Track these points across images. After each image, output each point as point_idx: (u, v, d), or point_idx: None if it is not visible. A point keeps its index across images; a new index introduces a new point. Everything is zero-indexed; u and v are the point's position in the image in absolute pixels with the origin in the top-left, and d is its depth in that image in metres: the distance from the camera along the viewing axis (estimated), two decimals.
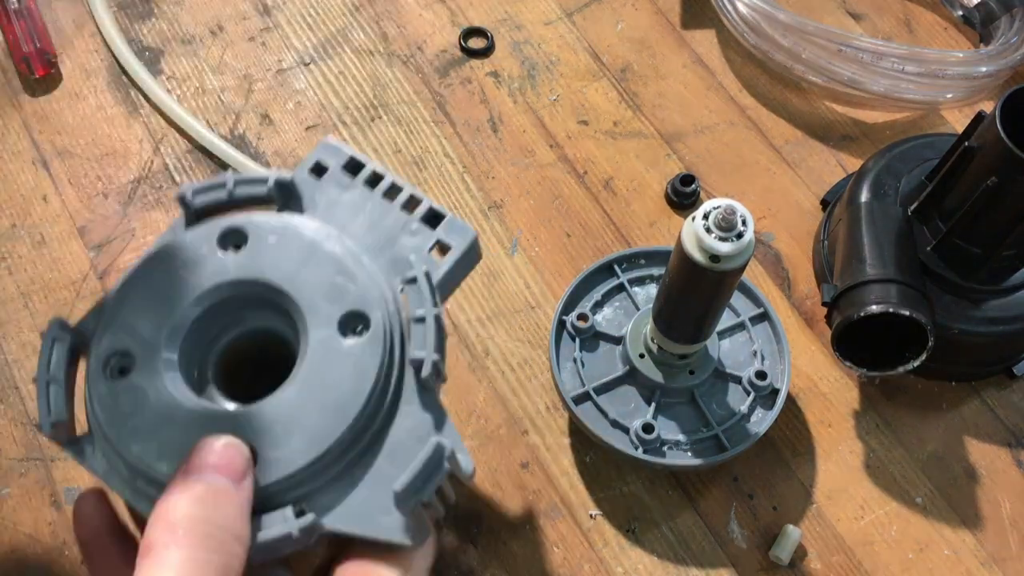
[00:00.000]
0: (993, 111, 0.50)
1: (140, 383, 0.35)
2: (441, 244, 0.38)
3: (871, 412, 0.58)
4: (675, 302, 0.49)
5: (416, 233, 0.38)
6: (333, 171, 0.40)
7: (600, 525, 0.54)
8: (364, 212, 0.39)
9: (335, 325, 0.35)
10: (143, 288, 0.37)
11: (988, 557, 0.54)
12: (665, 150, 0.67)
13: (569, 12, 0.73)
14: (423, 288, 0.36)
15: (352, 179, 0.40)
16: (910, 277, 0.52)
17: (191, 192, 0.39)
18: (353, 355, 0.35)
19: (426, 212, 0.39)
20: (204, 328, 0.37)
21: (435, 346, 0.35)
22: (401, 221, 0.39)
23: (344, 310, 0.35)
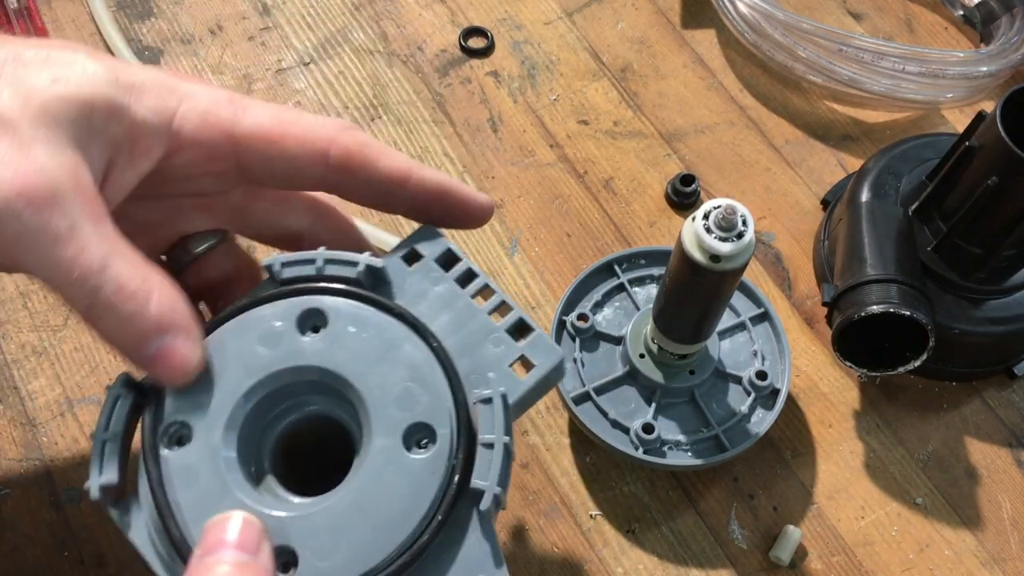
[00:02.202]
0: (994, 111, 0.50)
1: (196, 460, 0.34)
2: (524, 360, 0.36)
3: (871, 412, 0.58)
4: (675, 302, 0.49)
5: (500, 343, 0.36)
6: (427, 261, 0.38)
7: (600, 525, 0.54)
8: (451, 310, 0.37)
9: (400, 435, 0.34)
10: (214, 355, 0.36)
11: (989, 557, 0.54)
12: (665, 150, 0.67)
13: (569, 12, 0.73)
14: (497, 412, 0.34)
15: (444, 273, 0.38)
16: (911, 277, 0.52)
17: (279, 263, 0.37)
18: (413, 471, 0.33)
19: (514, 322, 0.37)
20: (268, 407, 0.36)
21: (499, 477, 0.33)
22: (487, 327, 0.37)
23: (412, 420, 0.34)
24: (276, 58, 0.70)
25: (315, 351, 0.35)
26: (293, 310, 0.36)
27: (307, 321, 0.36)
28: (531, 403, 0.37)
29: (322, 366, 0.35)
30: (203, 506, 0.33)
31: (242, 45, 0.70)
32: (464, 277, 0.38)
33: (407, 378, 0.34)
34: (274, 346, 0.35)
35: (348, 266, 0.37)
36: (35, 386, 0.57)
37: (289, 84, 0.69)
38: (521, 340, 0.37)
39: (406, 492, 0.33)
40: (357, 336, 0.35)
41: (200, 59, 0.69)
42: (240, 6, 0.72)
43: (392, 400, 0.34)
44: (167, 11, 0.71)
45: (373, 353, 0.35)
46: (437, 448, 0.33)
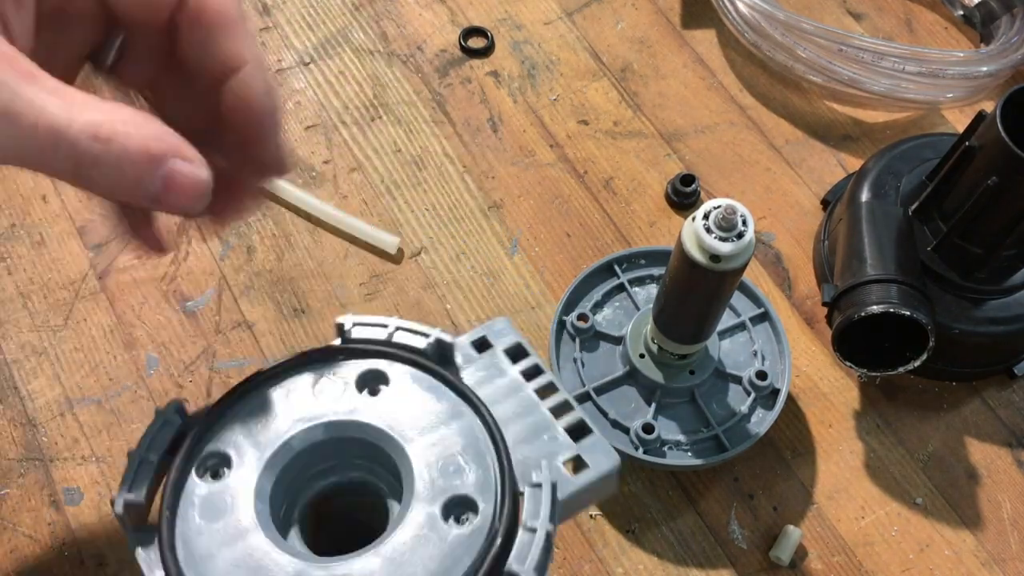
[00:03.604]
0: (994, 111, 0.50)
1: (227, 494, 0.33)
2: (578, 462, 0.35)
3: (871, 412, 0.58)
4: (675, 302, 0.49)
5: (557, 439, 0.36)
6: (495, 351, 0.38)
7: (600, 525, 0.54)
8: (512, 400, 0.37)
9: (440, 504, 0.33)
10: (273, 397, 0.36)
11: (989, 557, 0.54)
12: (665, 150, 0.67)
13: (569, 12, 0.73)
14: (544, 498, 0.33)
15: (511, 364, 0.38)
16: (911, 277, 0.52)
17: (351, 323, 0.37)
18: (449, 544, 0.32)
19: (574, 423, 0.36)
20: (310, 461, 0.36)
21: (537, 564, 0.31)
22: (545, 423, 0.36)
23: (456, 492, 0.33)
24: (276, 58, 0.70)
25: (370, 409, 0.35)
26: (356, 368, 0.36)
27: (368, 381, 0.36)
28: (579, 507, 0.36)
29: (374, 424, 0.35)
30: (220, 542, 0.33)
31: None
32: (530, 372, 0.38)
33: (458, 449, 0.34)
34: (331, 399, 0.35)
35: (419, 336, 0.37)
36: (35, 386, 0.57)
37: (289, 84, 0.69)
38: (579, 441, 0.36)
39: (438, 564, 0.32)
40: (415, 402, 0.35)
41: None
42: None
43: (439, 468, 0.34)
44: None
45: (428, 420, 0.35)
46: (477, 524, 0.32)
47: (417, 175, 0.65)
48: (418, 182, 0.65)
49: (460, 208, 0.64)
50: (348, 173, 0.65)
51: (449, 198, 0.65)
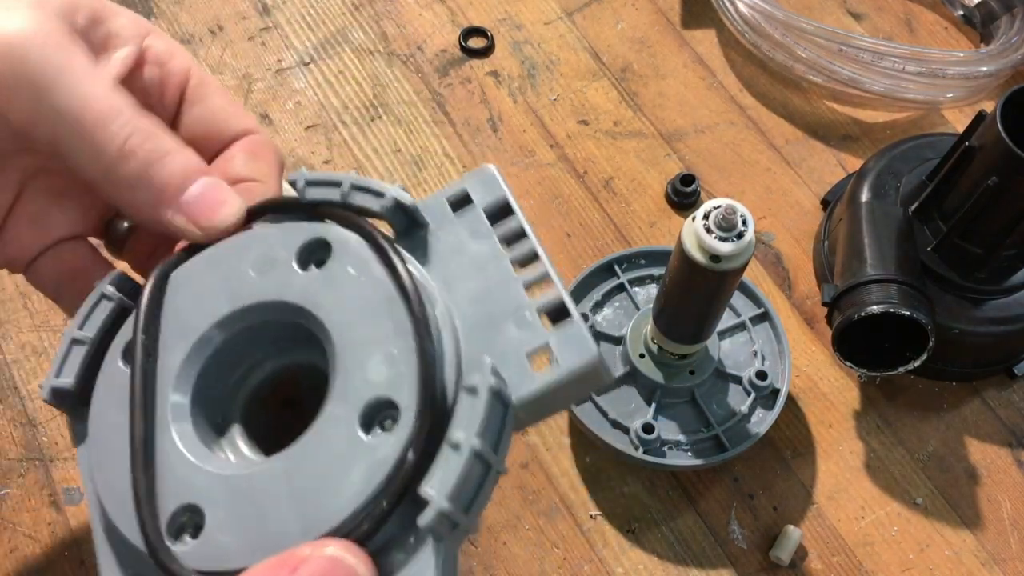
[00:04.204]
0: (994, 111, 0.50)
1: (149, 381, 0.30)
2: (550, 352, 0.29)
3: (871, 412, 0.58)
4: (675, 302, 0.49)
5: (526, 325, 0.29)
6: (474, 208, 0.32)
7: (600, 525, 0.54)
8: (483, 273, 0.31)
9: (359, 407, 0.28)
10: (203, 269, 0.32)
11: (989, 557, 0.54)
12: (665, 150, 0.67)
13: (569, 12, 0.73)
14: (477, 408, 0.27)
15: (490, 226, 0.32)
16: (911, 277, 0.52)
17: (304, 180, 0.33)
18: (360, 454, 0.27)
19: (552, 302, 0.30)
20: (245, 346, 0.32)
21: (452, 489, 0.26)
22: (518, 302, 0.30)
23: (378, 393, 0.28)
24: (276, 58, 0.70)
25: (305, 289, 0.30)
26: (298, 237, 0.31)
27: (311, 253, 0.31)
28: (551, 409, 0.30)
29: (304, 306, 0.30)
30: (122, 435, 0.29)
31: (242, 45, 0.70)
32: (511, 236, 0.32)
33: (393, 342, 0.28)
34: (266, 274, 0.31)
35: (375, 197, 0.32)
36: (35, 386, 0.57)
37: (289, 84, 0.69)
38: (554, 326, 0.30)
39: (344, 477, 0.27)
40: (356, 282, 0.30)
41: (200, 59, 0.69)
42: (240, 6, 0.72)
43: (367, 364, 0.28)
44: (167, 11, 0.71)
45: (368, 306, 0.29)
46: (395, 435, 0.27)
47: (417, 175, 0.65)
48: (418, 182, 0.65)
49: None
50: None
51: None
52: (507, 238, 0.32)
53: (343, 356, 0.29)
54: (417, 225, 0.33)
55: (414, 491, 0.27)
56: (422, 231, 0.32)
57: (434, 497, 0.26)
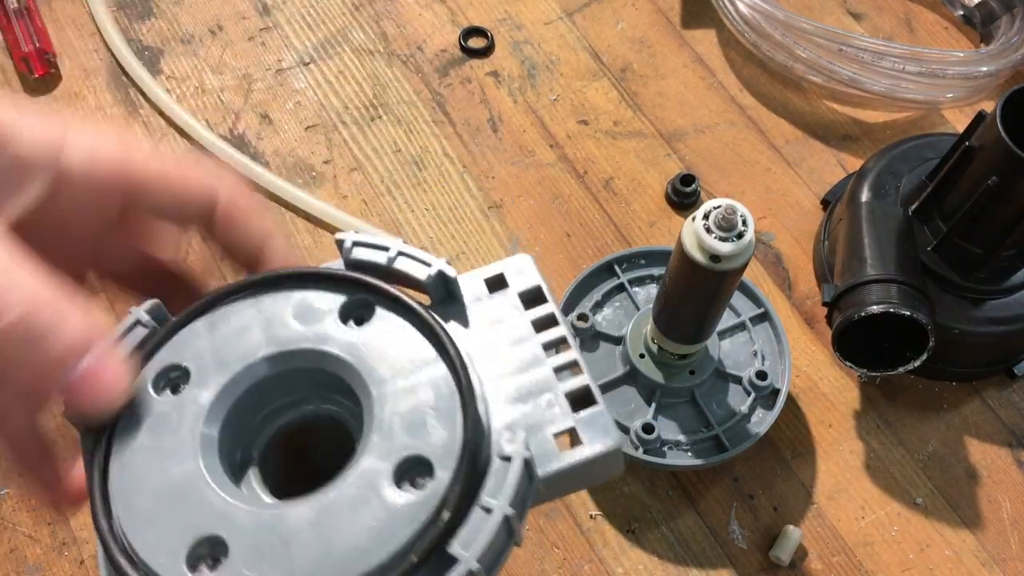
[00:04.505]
0: (994, 111, 0.50)
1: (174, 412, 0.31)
2: (574, 436, 0.31)
3: (871, 412, 0.58)
4: (675, 302, 0.49)
5: (554, 407, 0.31)
6: (509, 292, 0.33)
7: (600, 525, 0.54)
8: (514, 352, 0.32)
9: (393, 462, 0.29)
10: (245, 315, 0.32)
11: (989, 557, 0.54)
12: (665, 150, 0.67)
13: (569, 12, 0.73)
14: (511, 475, 0.28)
15: (523, 310, 0.33)
16: (911, 277, 0.52)
17: (351, 241, 0.33)
18: (391, 509, 0.28)
19: (579, 389, 0.31)
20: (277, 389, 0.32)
21: (483, 551, 0.27)
22: (546, 384, 0.31)
23: (413, 452, 0.29)
24: (276, 58, 0.70)
25: (346, 342, 0.31)
26: (340, 294, 0.32)
27: (352, 311, 0.32)
28: (569, 489, 0.32)
29: (346, 358, 0.31)
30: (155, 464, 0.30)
31: (242, 45, 0.70)
32: (543, 322, 0.33)
33: (430, 403, 0.30)
34: (308, 323, 0.32)
35: (421, 265, 0.32)
36: None
37: (289, 84, 0.69)
38: (580, 412, 0.31)
39: (374, 528, 0.28)
40: (396, 341, 0.31)
41: (200, 59, 0.69)
42: (240, 6, 0.72)
43: (402, 421, 0.29)
44: (167, 11, 0.71)
45: (407, 364, 0.30)
46: (428, 493, 0.28)
47: (417, 175, 0.65)
48: (418, 182, 0.65)
49: (460, 208, 0.64)
50: (348, 173, 0.65)
51: (449, 198, 0.65)
52: (539, 324, 0.33)
53: (380, 411, 0.30)
54: (452, 298, 0.34)
55: (442, 548, 0.27)
56: (456, 305, 0.33)
57: (465, 557, 0.27)
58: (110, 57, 0.69)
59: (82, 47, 0.69)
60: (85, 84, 0.68)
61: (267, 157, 0.66)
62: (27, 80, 0.67)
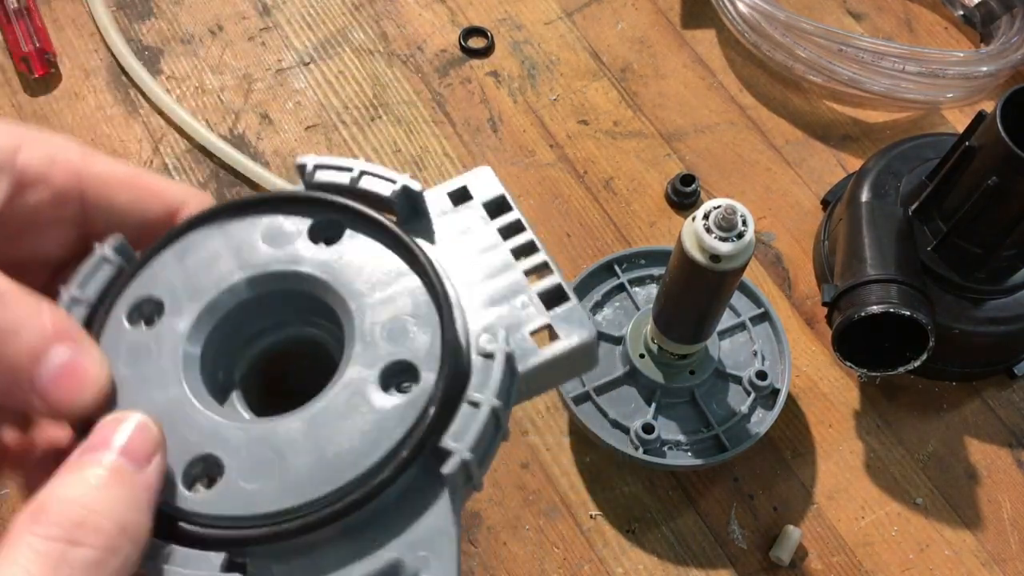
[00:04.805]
0: (994, 111, 0.50)
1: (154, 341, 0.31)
2: (551, 332, 0.32)
3: (871, 412, 0.58)
4: (675, 302, 0.49)
5: (528, 306, 0.32)
6: (474, 204, 0.34)
7: (600, 525, 0.54)
8: (484, 259, 0.33)
9: (379, 369, 0.30)
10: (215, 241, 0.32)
11: (989, 557, 0.54)
12: (665, 150, 0.67)
13: (569, 12, 0.73)
14: (495, 371, 0.29)
15: (489, 221, 0.34)
16: (911, 277, 0.52)
17: (312, 165, 0.33)
18: (381, 413, 0.29)
19: (551, 288, 0.32)
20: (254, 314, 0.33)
21: (474, 442, 0.28)
22: (518, 287, 0.32)
23: (397, 357, 0.30)
24: (276, 58, 0.70)
25: (319, 261, 0.32)
26: (308, 217, 0.33)
27: (321, 231, 0.33)
28: (548, 384, 0.33)
29: (321, 276, 0.32)
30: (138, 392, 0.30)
31: (242, 45, 0.70)
32: (509, 229, 0.34)
33: (408, 312, 0.31)
34: (279, 246, 0.32)
35: (385, 183, 0.33)
36: None
37: (289, 84, 0.69)
38: (554, 309, 0.32)
39: (366, 432, 0.29)
40: (369, 257, 0.32)
41: (200, 59, 0.69)
42: (240, 6, 0.72)
43: (384, 331, 0.30)
44: (167, 11, 0.71)
45: (381, 277, 0.31)
46: (415, 394, 0.29)
47: (417, 175, 0.65)
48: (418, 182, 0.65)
49: None
50: None
51: None
52: (505, 231, 0.34)
53: (361, 323, 0.31)
54: (420, 214, 0.34)
55: (434, 445, 0.29)
56: (424, 220, 0.34)
57: (458, 448, 0.28)
58: (110, 57, 0.69)
59: (82, 47, 0.69)
60: (85, 84, 0.68)
61: (267, 157, 0.66)
62: (27, 80, 0.67)
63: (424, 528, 0.29)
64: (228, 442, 0.29)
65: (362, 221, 0.33)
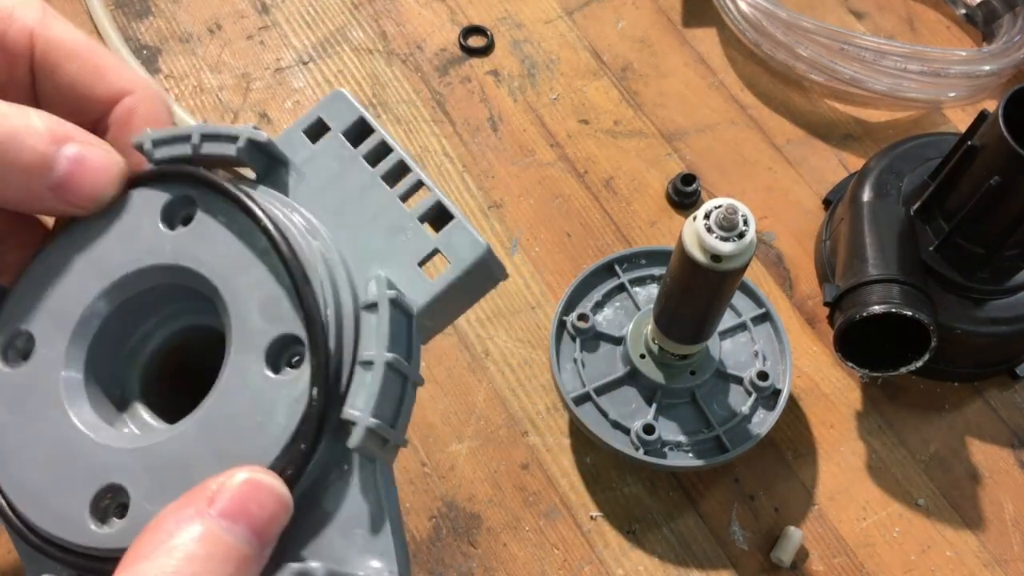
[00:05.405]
0: (996, 110, 0.50)
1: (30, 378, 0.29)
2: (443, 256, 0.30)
3: (873, 413, 0.58)
4: (676, 302, 0.49)
5: (411, 236, 0.30)
6: (333, 134, 0.32)
7: (601, 526, 0.54)
8: (357, 198, 0.31)
9: (262, 350, 0.28)
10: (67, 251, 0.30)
11: (991, 559, 0.54)
12: (666, 149, 0.67)
13: (569, 10, 0.73)
14: (381, 322, 0.27)
15: (353, 149, 0.32)
16: (912, 277, 0.52)
17: (150, 141, 0.31)
18: (274, 394, 0.27)
19: (431, 208, 0.30)
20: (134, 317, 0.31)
21: (375, 405, 0.26)
22: (401, 219, 0.30)
23: (279, 332, 0.28)
24: (275, 57, 0.69)
25: (178, 248, 0.29)
26: (158, 198, 0.30)
27: (175, 211, 0.30)
28: (455, 311, 0.31)
29: (183, 265, 0.29)
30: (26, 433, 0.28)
31: (241, 44, 0.70)
32: (376, 153, 0.32)
33: (277, 284, 0.28)
34: (133, 241, 0.30)
35: (227, 142, 0.30)
36: None
37: (288, 83, 0.68)
38: (440, 231, 0.30)
39: (261, 419, 0.27)
40: (227, 230, 0.29)
41: (198, 58, 0.69)
42: (239, 5, 0.71)
43: (258, 308, 0.28)
44: (165, 9, 0.71)
45: (243, 252, 0.29)
46: (303, 367, 0.27)
47: None
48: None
49: (460, 207, 0.64)
50: None
51: (449, 197, 0.64)
52: (372, 156, 0.32)
53: (234, 305, 0.29)
54: (278, 162, 0.32)
55: (336, 419, 0.27)
56: (284, 168, 0.32)
57: (359, 416, 0.26)
58: None
59: None
60: None
61: None
62: None
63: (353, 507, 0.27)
64: (125, 467, 0.27)
65: (212, 192, 0.30)
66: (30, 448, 0.28)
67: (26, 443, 0.28)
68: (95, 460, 0.28)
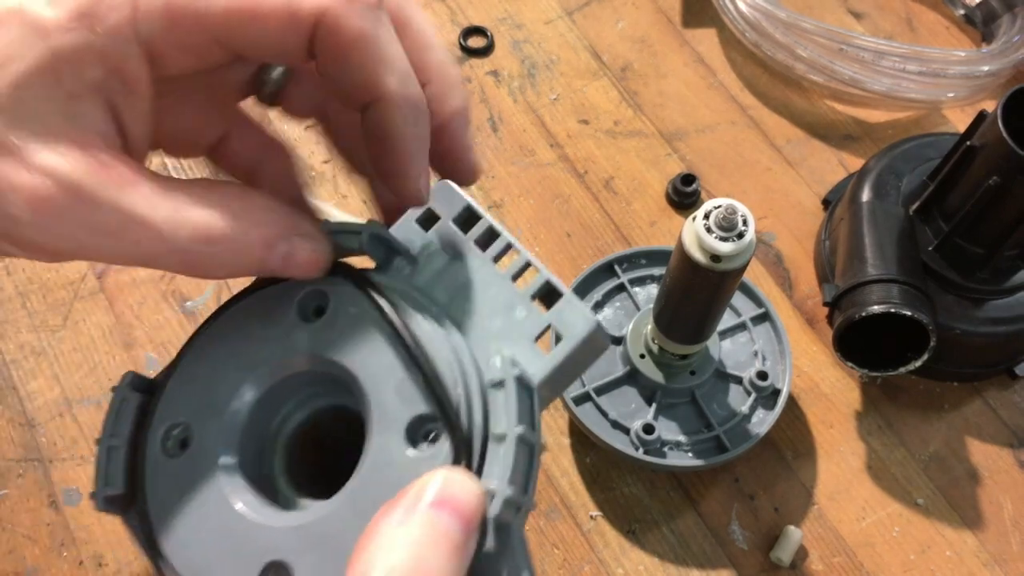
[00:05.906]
0: (995, 110, 0.50)
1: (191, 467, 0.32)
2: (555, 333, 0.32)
3: (873, 413, 0.58)
4: (676, 302, 0.49)
5: (524, 314, 0.32)
6: (444, 223, 0.34)
7: (600, 526, 0.54)
8: (470, 283, 0.33)
9: (402, 429, 0.30)
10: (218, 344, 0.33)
11: (990, 558, 0.54)
12: (666, 149, 0.67)
13: (569, 11, 0.73)
14: (509, 398, 0.29)
15: (463, 235, 0.34)
16: (912, 277, 0.52)
17: None
18: (416, 469, 0.29)
19: (540, 287, 0.32)
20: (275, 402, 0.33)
21: (510, 474, 0.28)
22: (511, 298, 0.32)
23: (417, 412, 0.30)
24: None
25: (313, 338, 0.32)
26: (294, 292, 0.33)
27: (308, 304, 0.33)
28: (568, 379, 0.33)
29: (320, 354, 0.32)
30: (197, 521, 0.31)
31: None
32: (485, 237, 0.33)
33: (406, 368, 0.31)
34: (273, 334, 0.33)
35: (352, 235, 0.33)
36: (34, 386, 0.57)
37: None
38: (550, 309, 0.31)
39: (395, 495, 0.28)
40: (359, 319, 0.32)
41: None
42: None
43: (393, 390, 0.30)
44: None
45: (375, 337, 0.31)
46: (441, 444, 0.29)
47: None
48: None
49: None
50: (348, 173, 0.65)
51: None
52: (482, 241, 0.34)
53: (373, 391, 0.31)
54: (394, 251, 0.34)
55: None
56: (401, 257, 0.34)
57: (497, 487, 0.28)
58: None
59: None
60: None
61: None
62: None
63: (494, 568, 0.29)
64: (288, 544, 0.30)
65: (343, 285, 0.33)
66: (196, 532, 0.31)
67: (192, 528, 0.31)
68: (257, 540, 0.30)
